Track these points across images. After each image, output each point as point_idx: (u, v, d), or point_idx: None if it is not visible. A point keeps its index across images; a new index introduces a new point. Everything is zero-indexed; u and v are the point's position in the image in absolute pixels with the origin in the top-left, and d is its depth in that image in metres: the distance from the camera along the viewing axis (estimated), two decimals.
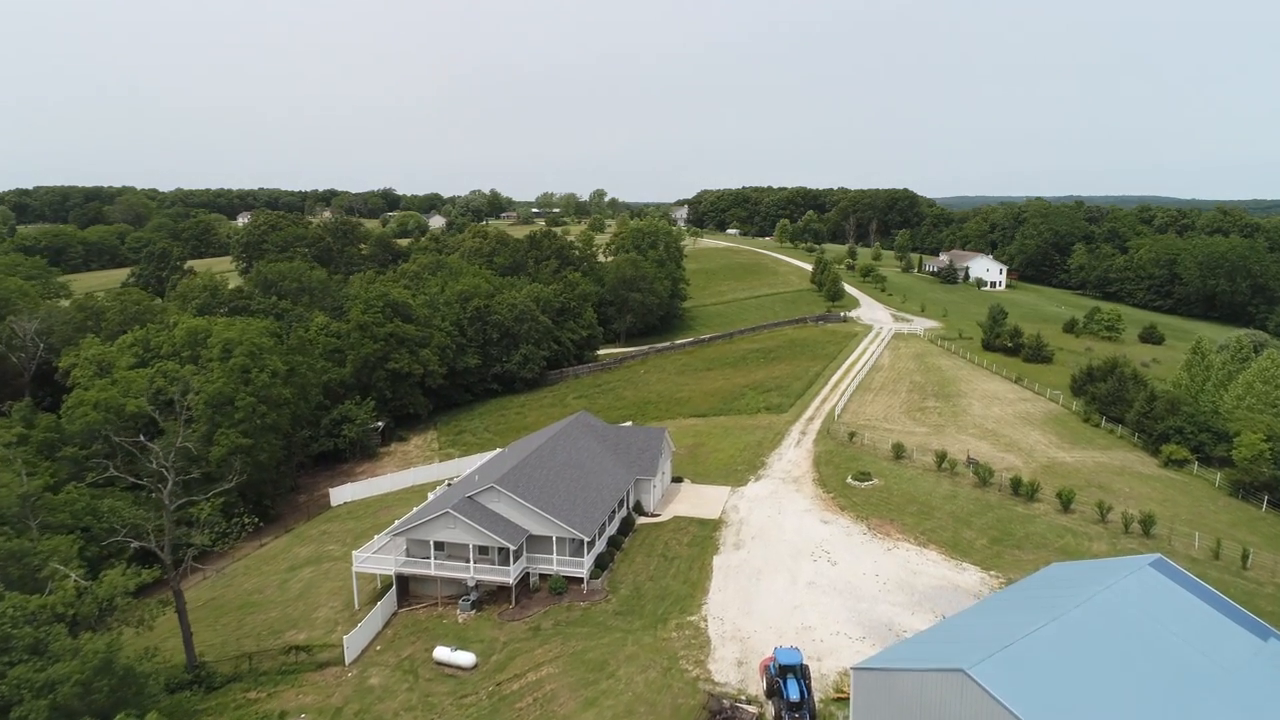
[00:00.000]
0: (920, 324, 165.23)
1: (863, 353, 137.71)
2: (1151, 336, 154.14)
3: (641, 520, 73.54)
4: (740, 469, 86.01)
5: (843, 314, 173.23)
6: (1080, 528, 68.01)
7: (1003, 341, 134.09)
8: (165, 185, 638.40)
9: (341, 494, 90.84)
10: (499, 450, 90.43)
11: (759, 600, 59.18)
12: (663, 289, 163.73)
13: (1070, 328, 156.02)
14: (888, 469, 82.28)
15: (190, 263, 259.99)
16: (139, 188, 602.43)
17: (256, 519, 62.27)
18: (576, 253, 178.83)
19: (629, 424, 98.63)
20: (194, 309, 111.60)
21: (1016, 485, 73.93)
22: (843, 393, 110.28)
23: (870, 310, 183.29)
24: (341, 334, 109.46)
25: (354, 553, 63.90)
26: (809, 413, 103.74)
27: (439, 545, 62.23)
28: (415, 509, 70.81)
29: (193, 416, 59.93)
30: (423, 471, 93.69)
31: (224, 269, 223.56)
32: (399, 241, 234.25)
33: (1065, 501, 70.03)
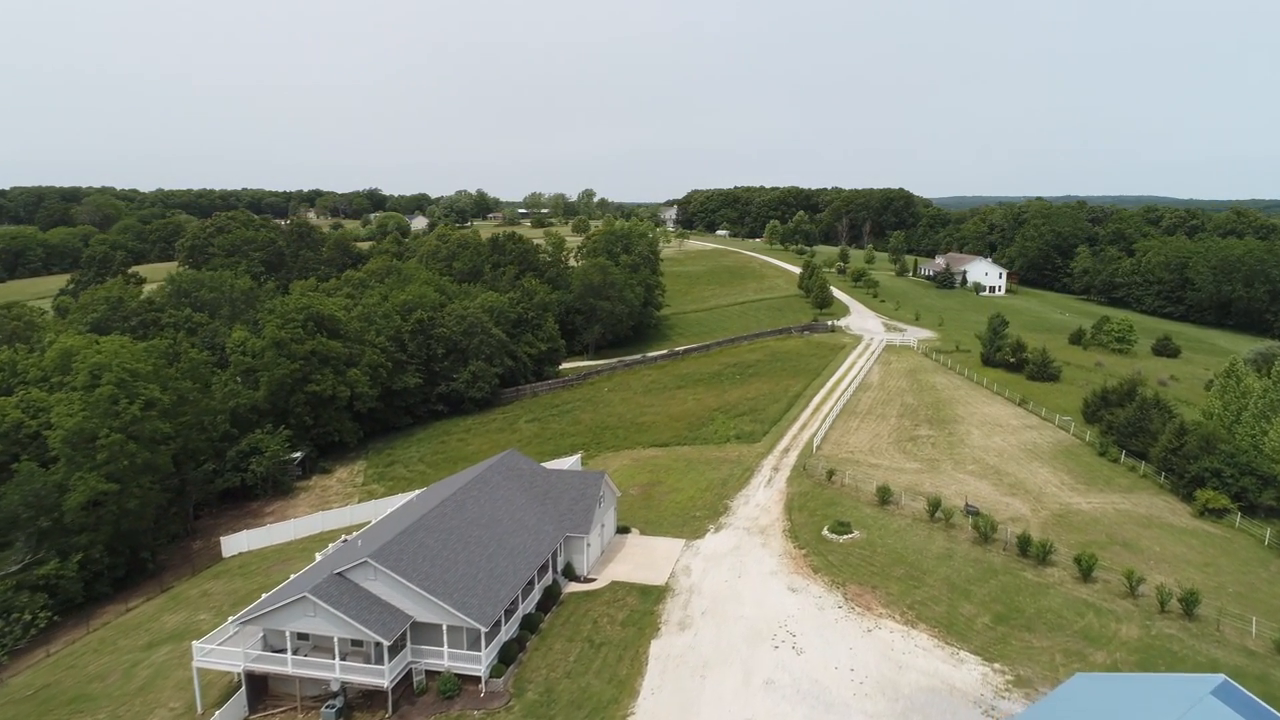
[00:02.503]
0: (914, 334, 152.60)
1: (850, 368, 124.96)
2: (1166, 349, 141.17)
3: (571, 588, 60.67)
4: (699, 515, 73.20)
5: (831, 323, 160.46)
6: (1104, 603, 55.17)
7: (1004, 356, 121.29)
8: (146, 186, 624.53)
9: (235, 543, 77.91)
10: (419, 491, 77.52)
11: (701, 710, 46.33)
12: (634, 297, 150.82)
13: (1077, 339, 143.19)
14: (871, 518, 69.48)
15: (144, 267, 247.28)
16: (118, 188, 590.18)
17: (50, 614, 49.03)
18: (545, 257, 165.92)
19: (574, 459, 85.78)
20: (88, 323, 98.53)
21: (1025, 544, 61.08)
22: (824, 417, 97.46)
23: (861, 318, 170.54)
24: (256, 352, 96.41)
25: (194, 644, 50.92)
26: (784, 442, 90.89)
27: (302, 635, 49.49)
28: (292, 576, 58.00)
29: None
30: (333, 516, 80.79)
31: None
32: (359, 245, 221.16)
33: (1085, 569, 57.23)
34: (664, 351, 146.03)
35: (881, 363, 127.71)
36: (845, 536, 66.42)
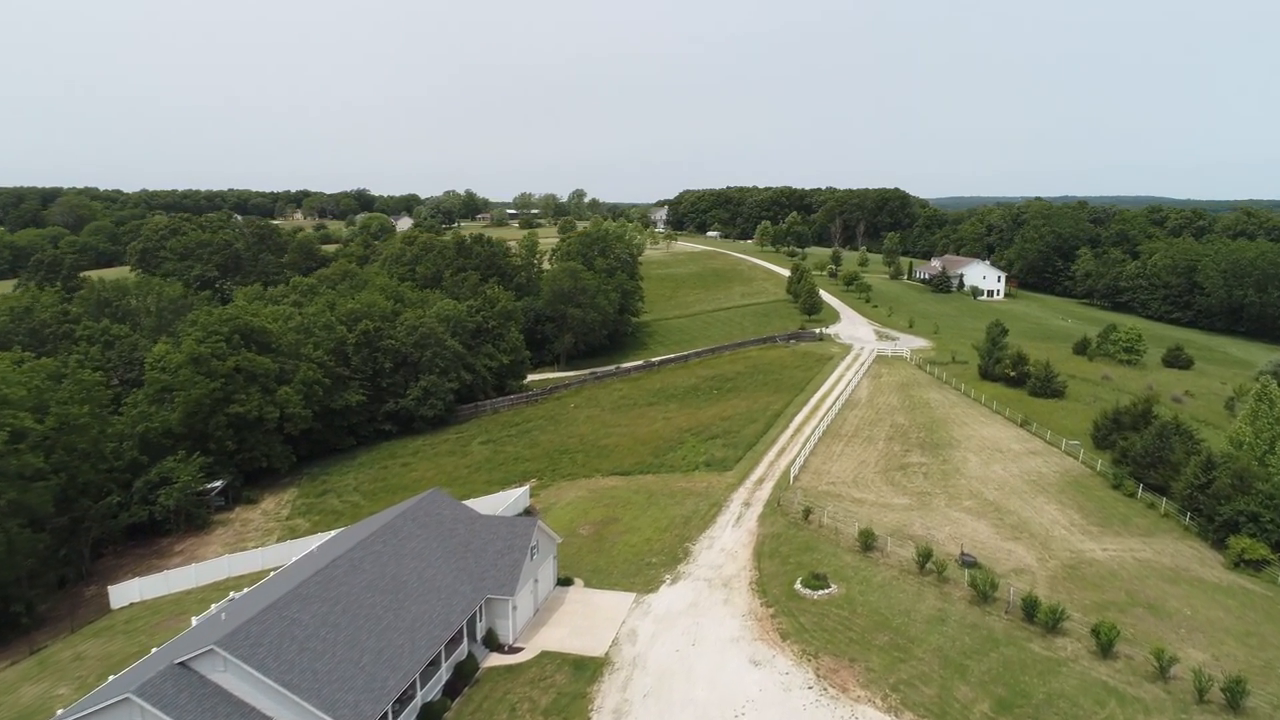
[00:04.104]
0: (907, 343, 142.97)
1: (837, 381, 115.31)
2: (1178, 360, 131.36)
3: (491, 660, 50.95)
4: (655, 562, 63.54)
5: (819, 331, 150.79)
6: (1129, 688, 45.45)
7: (1003, 369, 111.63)
8: (131, 187, 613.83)
9: (126, 592, 68.04)
10: (335, 532, 67.94)
11: None
12: (607, 303, 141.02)
13: (1082, 349, 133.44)
14: (851, 568, 59.81)
15: (110, 271, 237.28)
16: (101, 189, 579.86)
17: None
18: (516, 261, 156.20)
19: (522, 491, 76.24)
20: None
21: (1031, 607, 51.41)
22: (805, 440, 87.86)
23: (851, 326, 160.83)
24: (173, 369, 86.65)
25: None
26: (759, 471, 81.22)
27: None
28: (155, 651, 48.23)
29: None
30: (241, 559, 70.94)
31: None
32: (327, 247, 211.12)
33: (1105, 643, 47.54)
34: (639, 362, 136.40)
35: (871, 375, 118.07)
36: (821, 592, 56.81)
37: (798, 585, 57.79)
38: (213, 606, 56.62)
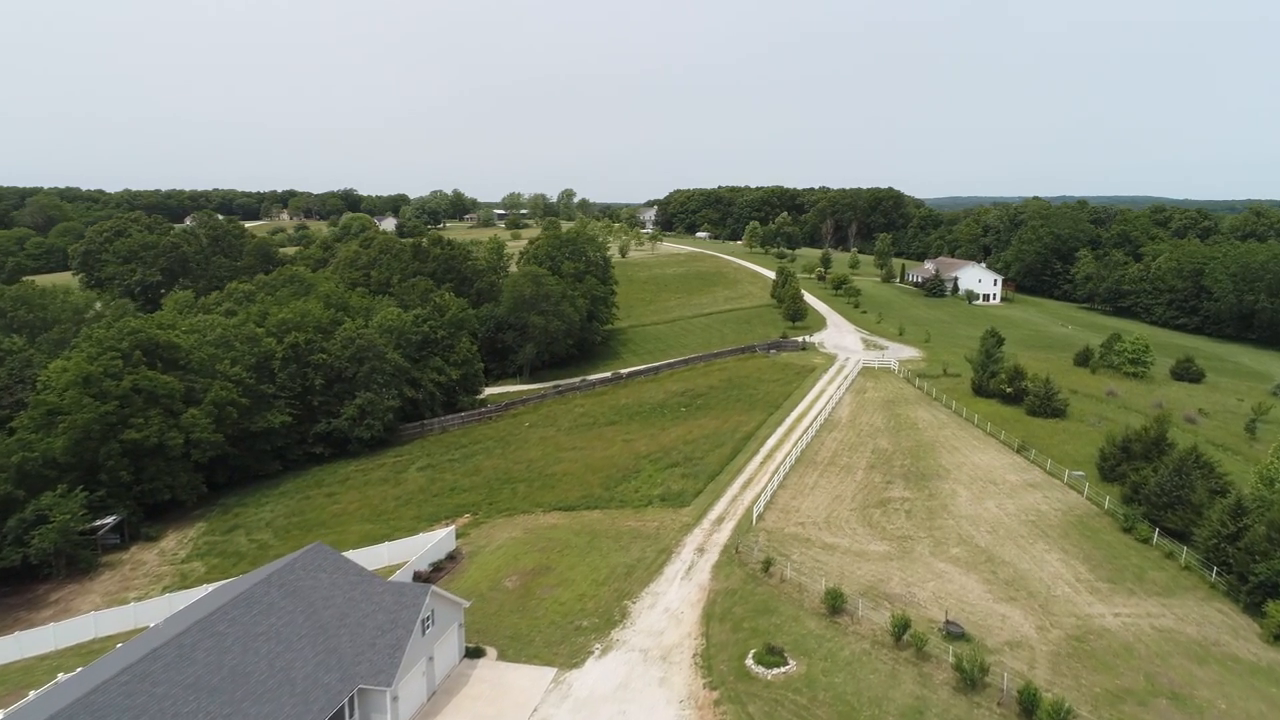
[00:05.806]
0: (896, 352, 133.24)
1: (818, 397, 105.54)
2: (1188, 372, 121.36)
3: None
4: (586, 626, 53.78)
5: (802, 339, 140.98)
6: None
7: (999, 384, 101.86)
8: (114, 187, 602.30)
9: None
10: (210, 589, 57.98)
11: None
12: (573, 310, 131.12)
13: (1084, 360, 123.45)
14: (815, 639, 50.00)
15: (38, 277, 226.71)
16: (84, 189, 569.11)
17: None
18: (479, 265, 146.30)
19: (446, 532, 66.33)
20: None
21: (1030, 702, 41.62)
22: (776, 469, 78.14)
23: (837, 333, 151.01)
24: (61, 389, 76.77)
25: None
26: (720, 507, 71.45)
27: None
28: None
29: None
30: (109, 617, 60.93)
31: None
32: (287, 250, 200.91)
33: None
34: (607, 374, 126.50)
35: (855, 390, 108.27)
36: (776, 670, 47.10)
37: (749, 661, 48.08)
38: (31, 694, 46.88)
